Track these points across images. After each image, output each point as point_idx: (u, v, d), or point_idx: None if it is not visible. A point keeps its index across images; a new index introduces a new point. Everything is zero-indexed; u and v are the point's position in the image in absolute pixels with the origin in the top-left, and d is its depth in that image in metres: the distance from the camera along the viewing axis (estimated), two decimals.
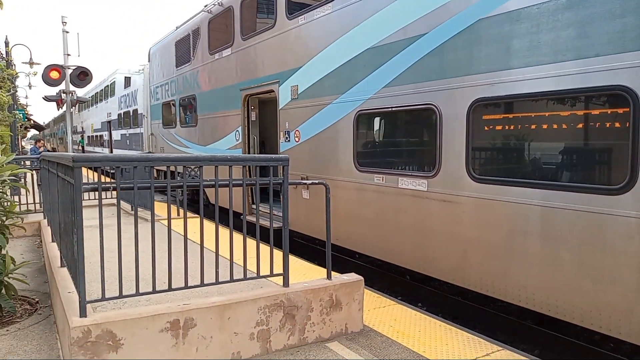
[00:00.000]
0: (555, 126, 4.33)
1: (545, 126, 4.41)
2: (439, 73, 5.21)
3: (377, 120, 6.43)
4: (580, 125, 4.16)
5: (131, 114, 20.33)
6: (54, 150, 51.08)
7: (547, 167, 4.42)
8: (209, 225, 6.72)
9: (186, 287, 3.64)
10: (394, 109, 5.85)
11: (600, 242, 3.92)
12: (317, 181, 4.25)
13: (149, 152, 15.73)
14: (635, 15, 3.63)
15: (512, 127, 4.70)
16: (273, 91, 8.38)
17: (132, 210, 9.28)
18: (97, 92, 27.69)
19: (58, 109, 16.98)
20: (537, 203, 4.36)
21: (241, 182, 3.86)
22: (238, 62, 9.55)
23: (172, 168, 3.65)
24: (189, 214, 3.87)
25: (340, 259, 7.77)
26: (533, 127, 4.49)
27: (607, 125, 3.94)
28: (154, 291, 3.51)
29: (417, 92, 5.49)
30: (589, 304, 4.03)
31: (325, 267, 4.35)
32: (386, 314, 4.67)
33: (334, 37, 6.77)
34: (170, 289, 3.57)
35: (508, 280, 4.67)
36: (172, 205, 3.79)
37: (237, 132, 9.67)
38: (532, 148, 4.55)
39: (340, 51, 6.67)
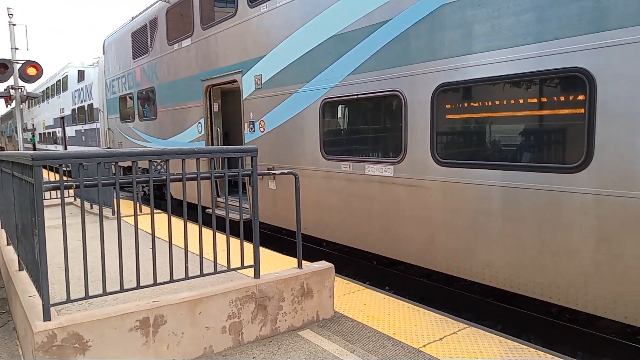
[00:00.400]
0: (515, 109, 4.45)
1: (505, 109, 4.53)
2: (403, 59, 5.26)
3: (342, 108, 6.45)
4: (539, 107, 4.29)
5: (86, 108, 19.59)
6: (1, 149, 48.77)
7: (508, 148, 4.55)
8: (177, 221, 6.60)
9: (155, 284, 3.57)
10: (359, 96, 5.87)
11: (558, 219, 4.09)
12: (286, 171, 4.23)
13: (108, 148, 15.24)
14: None
15: (474, 111, 4.80)
16: (236, 81, 8.25)
17: (91, 208, 9.03)
18: (49, 87, 26.48)
19: (6, 106, 16.17)
20: (499, 184, 4.50)
21: (209, 175, 3.79)
22: (198, 53, 9.34)
23: (126, 163, 3.54)
24: (154, 211, 3.78)
25: (309, 248, 7.79)
26: (494, 110, 4.61)
27: (565, 107, 4.09)
28: (122, 290, 3.42)
29: (382, 79, 5.53)
30: (548, 279, 4.21)
31: (295, 256, 4.35)
32: (356, 299, 4.73)
33: (297, 25, 6.71)
34: (138, 286, 3.49)
35: (473, 260, 4.81)
36: (132, 202, 3.69)
37: (200, 124, 9.48)
38: (494, 131, 4.67)
39: (304, 39, 6.62)
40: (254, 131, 7.94)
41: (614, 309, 3.80)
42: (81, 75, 20.18)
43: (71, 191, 10.38)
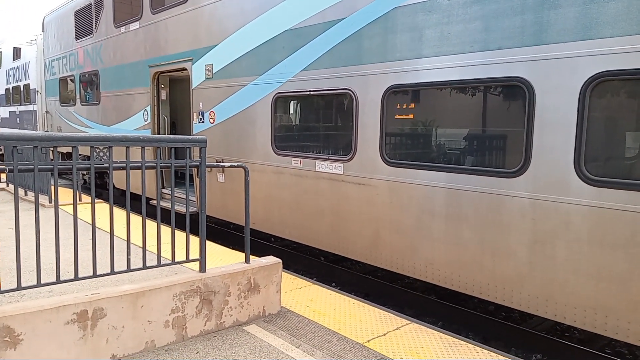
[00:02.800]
0: (460, 114, 4.63)
1: (451, 114, 4.70)
2: (356, 59, 5.33)
3: (295, 103, 6.44)
4: (482, 113, 4.48)
5: (22, 89, 18.39)
6: None
7: (453, 152, 4.73)
8: (119, 212, 6.36)
9: (95, 275, 3.42)
10: (312, 92, 5.88)
11: (498, 221, 4.30)
12: (236, 164, 4.17)
13: (46, 132, 14.39)
14: (533, 12, 3.96)
15: (422, 114, 4.94)
16: (186, 69, 8.03)
17: (26, 195, 8.51)
18: None
19: None
20: (443, 185, 4.66)
21: (155, 164, 3.67)
22: (147, 37, 9.01)
23: (65, 149, 3.37)
24: (95, 200, 3.62)
25: (257, 243, 7.74)
26: (441, 114, 4.77)
27: (506, 114, 4.29)
28: (59, 281, 3.25)
29: (335, 77, 5.57)
30: (487, 278, 4.41)
31: (242, 251, 4.31)
32: (303, 295, 4.75)
33: (251, 16, 6.62)
34: (77, 278, 3.33)
35: (416, 258, 4.96)
36: (72, 190, 3.52)
37: (146, 112, 9.16)
38: (440, 134, 4.83)
39: (258, 31, 6.54)
40: (203, 122, 7.77)
41: (545, 308, 4.05)
42: (17, 52, 18.90)
43: (3, 176, 9.74)
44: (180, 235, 3.92)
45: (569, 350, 4.55)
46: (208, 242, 4.54)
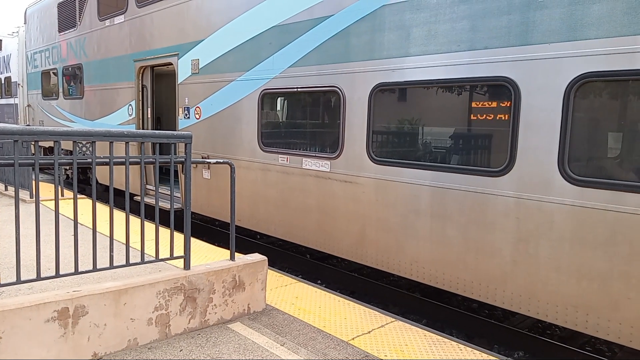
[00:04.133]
0: (446, 113, 4.65)
1: (438, 112, 4.72)
2: (344, 56, 5.31)
3: (282, 100, 6.41)
4: (468, 113, 4.51)
5: (3, 81, 18.02)
6: None
7: (439, 150, 4.75)
8: (102, 208, 6.26)
9: (76, 272, 3.36)
10: (299, 89, 5.86)
11: (482, 220, 4.33)
12: (222, 160, 4.13)
13: (27, 125, 14.12)
14: (519, 12, 3.99)
15: (409, 113, 4.96)
16: (171, 64, 7.94)
17: (6, 190, 8.35)
18: None
19: None
20: (429, 184, 4.68)
21: (139, 160, 3.62)
22: (132, 31, 8.88)
23: (47, 143, 3.30)
24: (78, 196, 3.56)
25: (242, 240, 7.70)
26: (427, 113, 4.78)
27: (492, 113, 4.32)
28: (39, 278, 3.19)
29: (322, 74, 5.56)
30: (471, 276, 4.45)
31: (227, 248, 4.28)
32: (288, 293, 4.74)
33: (239, 11, 6.57)
34: (58, 275, 3.27)
35: (401, 256, 4.98)
36: (53, 185, 3.45)
37: (130, 107, 9.04)
38: (426, 133, 4.85)
39: (245, 26, 6.49)
40: (188, 117, 7.69)
41: (528, 305, 4.09)
42: None
43: None
44: (164, 232, 3.87)
45: (550, 347, 4.62)
46: (193, 239, 4.50)
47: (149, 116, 8.72)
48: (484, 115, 4.40)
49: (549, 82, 3.86)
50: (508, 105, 4.12)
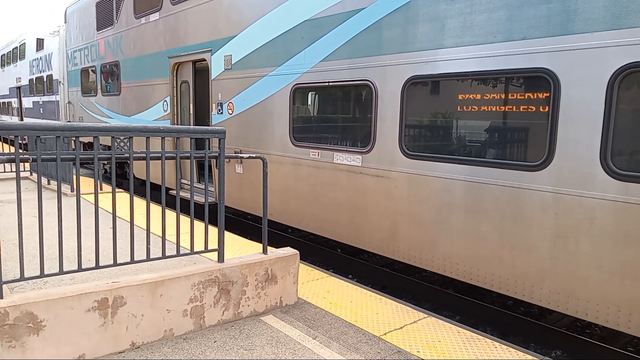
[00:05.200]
0: (482, 105, 4.53)
1: (473, 105, 4.61)
2: (376, 49, 5.26)
3: (313, 94, 6.41)
4: (504, 105, 4.39)
5: (45, 79, 18.69)
6: None
7: (473, 144, 4.65)
8: (139, 202, 6.43)
9: (115, 264, 3.46)
10: (330, 83, 5.84)
11: (519, 215, 4.22)
12: (254, 155, 4.17)
13: (68, 122, 14.63)
14: (560, 1, 3.85)
15: (442, 106, 4.87)
16: (205, 60, 8.05)
17: (49, 184, 8.67)
18: (4, 55, 25.10)
19: None
20: (463, 178, 4.59)
21: (174, 154, 3.69)
22: (167, 28, 9.05)
23: (87, 139, 3.40)
24: (116, 190, 3.67)
25: (274, 234, 7.77)
26: (462, 106, 4.68)
27: (530, 106, 4.19)
28: (80, 269, 3.30)
29: (354, 68, 5.52)
30: (507, 272, 4.35)
31: (260, 242, 4.32)
32: (319, 286, 4.75)
33: (271, 6, 6.59)
34: (97, 266, 3.38)
35: (435, 252, 4.91)
36: (93, 179, 3.56)
37: (165, 102, 9.23)
38: (460, 126, 4.75)
39: (277, 21, 6.51)
40: (221, 113, 7.79)
41: (566, 304, 3.97)
42: (40, 43, 19.21)
43: (27, 165, 9.94)
44: (199, 226, 3.94)
45: (590, 347, 4.47)
46: (226, 233, 4.56)
47: (191, 112, 8.81)
48: (521, 108, 4.27)
49: (591, 73, 3.71)
50: (547, 97, 3.99)
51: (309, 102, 6.56)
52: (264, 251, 4.22)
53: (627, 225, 3.60)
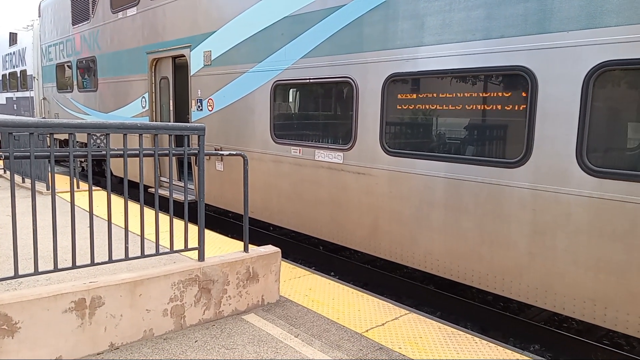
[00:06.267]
0: (461, 103, 4.58)
1: (452, 103, 4.65)
2: (357, 46, 5.26)
3: (294, 91, 6.38)
4: (483, 103, 4.44)
5: (19, 75, 18.21)
6: None
7: (453, 142, 4.69)
8: (117, 200, 6.31)
9: (92, 264, 3.39)
10: (311, 80, 5.82)
11: (498, 211, 4.28)
12: (234, 152, 4.13)
13: (43, 118, 14.28)
14: (537, 0, 3.90)
15: (422, 103, 4.90)
16: (184, 56, 7.94)
17: (23, 182, 8.46)
18: None
19: None
20: (443, 175, 4.63)
21: (152, 152, 3.63)
22: (145, 23, 8.90)
23: (62, 136, 3.32)
24: (93, 188, 3.59)
25: (256, 232, 7.73)
26: (441, 103, 4.72)
27: (507, 103, 4.25)
28: (56, 269, 3.23)
29: (335, 65, 5.51)
30: (486, 268, 4.41)
31: (241, 240, 4.29)
32: (301, 284, 4.74)
33: (251, 2, 6.53)
34: (74, 266, 3.31)
35: (416, 248, 4.95)
36: (69, 177, 3.48)
37: (144, 99, 9.08)
38: (440, 123, 4.79)
39: (257, 17, 6.45)
40: (201, 109, 7.71)
41: (544, 298, 4.04)
42: (13, 38, 18.68)
43: (0, 162, 9.67)
44: (179, 224, 3.89)
45: (567, 341, 4.56)
46: (207, 231, 4.52)
47: (171, 108, 8.66)
48: (500, 106, 4.33)
49: (567, 71, 3.78)
50: (524, 95, 4.05)
51: (290, 99, 6.54)
52: (245, 249, 4.19)
53: (602, 221, 3.68)
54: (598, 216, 3.70)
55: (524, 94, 4.07)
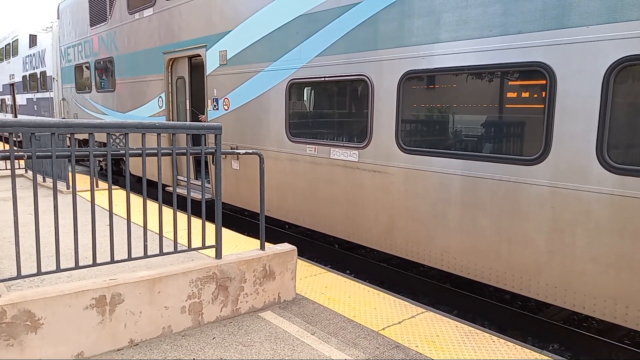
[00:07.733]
0: (478, 100, 4.53)
1: (469, 100, 4.61)
2: (372, 44, 5.24)
3: (309, 90, 6.39)
4: (500, 100, 4.39)
5: (39, 76, 18.56)
6: None
7: (470, 139, 4.65)
8: (136, 199, 6.40)
9: (112, 261, 3.45)
10: (326, 78, 5.82)
11: (516, 209, 4.23)
12: (251, 151, 4.15)
13: (62, 119, 14.54)
14: None
15: (438, 100, 4.86)
16: (200, 56, 8.00)
17: (44, 181, 8.62)
18: None
19: None
20: (460, 173, 4.60)
21: (170, 151, 3.67)
22: (161, 24, 8.99)
23: (82, 136, 3.38)
24: (112, 187, 3.65)
25: (271, 230, 7.76)
26: (458, 100, 4.68)
27: (526, 100, 4.20)
28: (77, 267, 3.29)
29: (350, 63, 5.50)
30: (504, 266, 4.36)
31: (257, 238, 4.31)
32: (317, 282, 4.76)
33: (265, 1, 6.56)
34: (95, 264, 3.37)
35: (432, 246, 4.92)
36: (89, 176, 3.54)
37: (160, 99, 9.18)
38: (457, 121, 4.75)
39: (272, 16, 6.48)
40: (217, 109, 7.76)
41: (564, 297, 3.99)
42: (33, 40, 19.04)
43: (22, 162, 9.87)
44: (196, 222, 3.93)
45: (587, 340, 4.50)
46: (223, 229, 4.55)
47: (187, 107, 8.75)
48: (517, 102, 4.27)
49: (587, 66, 3.71)
50: (543, 91, 3.99)
51: (305, 98, 6.55)
52: (262, 247, 4.21)
53: (623, 219, 3.61)
54: (619, 214, 3.63)
55: (542, 91, 4.02)
